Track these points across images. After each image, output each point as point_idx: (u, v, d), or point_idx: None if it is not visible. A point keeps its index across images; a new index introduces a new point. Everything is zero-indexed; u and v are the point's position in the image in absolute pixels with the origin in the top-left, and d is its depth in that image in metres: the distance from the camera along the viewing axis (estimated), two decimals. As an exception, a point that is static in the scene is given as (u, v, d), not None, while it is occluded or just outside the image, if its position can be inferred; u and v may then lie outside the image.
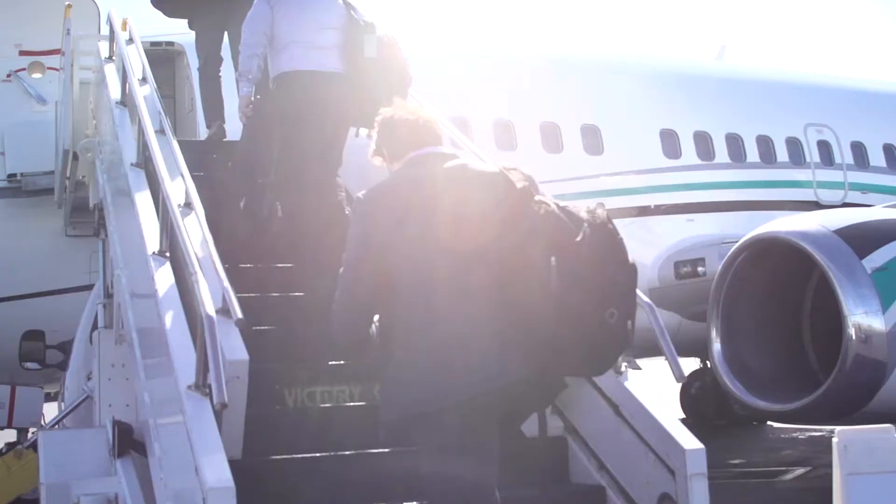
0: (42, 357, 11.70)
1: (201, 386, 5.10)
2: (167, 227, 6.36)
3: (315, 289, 7.12)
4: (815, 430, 17.16)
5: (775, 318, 10.98)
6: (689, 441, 5.70)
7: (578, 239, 4.62)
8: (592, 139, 14.69)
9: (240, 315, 5.28)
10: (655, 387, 6.38)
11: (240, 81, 8.17)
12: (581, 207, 4.76)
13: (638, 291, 6.00)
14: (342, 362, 6.74)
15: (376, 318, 4.85)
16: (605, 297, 4.65)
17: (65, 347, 10.60)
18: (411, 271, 4.69)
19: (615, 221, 4.87)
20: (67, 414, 9.01)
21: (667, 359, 6.18)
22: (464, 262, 4.68)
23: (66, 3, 10.89)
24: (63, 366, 10.48)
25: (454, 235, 4.67)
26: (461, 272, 4.67)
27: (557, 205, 4.77)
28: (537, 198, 4.80)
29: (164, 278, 6.17)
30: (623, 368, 6.21)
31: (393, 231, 4.72)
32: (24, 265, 12.09)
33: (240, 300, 5.47)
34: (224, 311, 5.42)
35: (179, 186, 6.63)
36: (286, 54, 7.97)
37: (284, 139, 7.93)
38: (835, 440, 6.47)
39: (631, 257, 4.80)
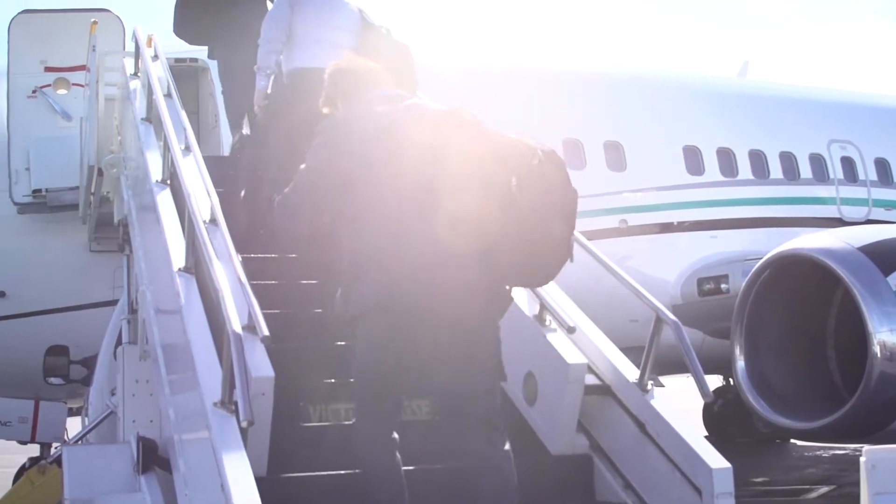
0: (66, 372, 11.72)
1: (227, 403, 5.11)
2: (193, 244, 6.37)
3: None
4: (839, 449, 17.08)
5: (799, 336, 10.94)
6: (715, 460, 5.68)
7: (535, 162, 5.29)
8: (615, 155, 14.66)
9: (266, 332, 5.28)
10: (678, 404, 6.36)
11: (257, 75, 8.65)
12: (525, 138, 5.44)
13: (664, 309, 6.06)
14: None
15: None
16: (555, 214, 5.32)
17: (88, 363, 10.62)
18: (374, 193, 5.25)
19: (638, 238, 5.24)
20: (91, 429, 9.01)
21: (694, 377, 6.15)
22: (425, 183, 5.24)
23: (92, 19, 10.94)
24: (87, 381, 10.49)
25: (416, 162, 5.27)
26: (422, 192, 5.23)
27: (509, 135, 5.43)
28: (493, 130, 5.45)
29: (189, 294, 6.19)
30: (649, 386, 6.19)
31: (357, 156, 5.31)
32: (49, 280, 12.12)
33: (264, 316, 5.48)
34: (250, 327, 5.43)
35: (205, 203, 6.64)
36: (301, 51, 8.48)
37: (290, 133, 8.00)
38: (862, 459, 6.42)
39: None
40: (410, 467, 5.49)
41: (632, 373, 6.37)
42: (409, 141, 5.34)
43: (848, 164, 16.69)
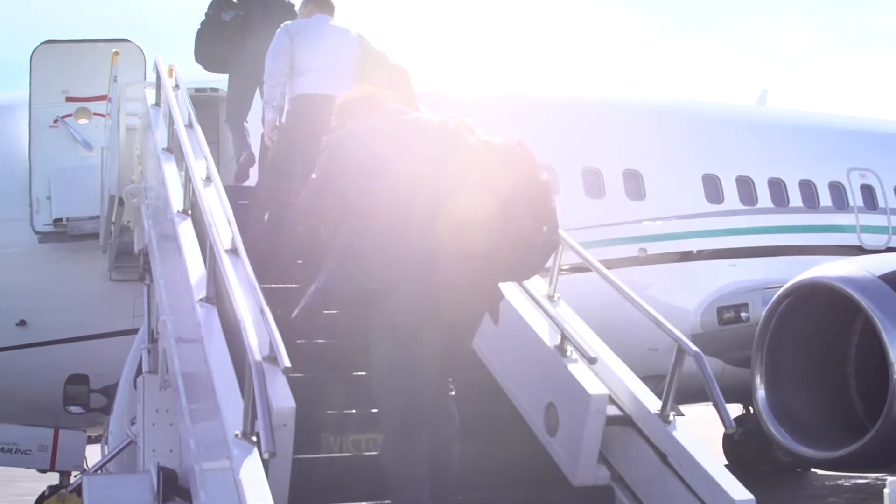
0: (86, 401, 11.71)
1: (249, 434, 5.11)
2: (214, 274, 6.38)
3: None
4: (861, 478, 16.96)
5: (820, 365, 10.92)
6: (738, 491, 5.65)
7: (499, 156, 5.68)
8: (634, 184, 14.66)
9: (287, 363, 5.28)
10: (698, 432, 6.33)
11: (265, 108, 8.89)
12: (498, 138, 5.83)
13: (686, 340, 6.05)
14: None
15: None
16: (522, 207, 5.60)
17: (108, 391, 10.63)
18: (372, 194, 5.66)
19: (658, 267, 5.35)
20: (111, 458, 9.03)
21: (716, 408, 6.12)
22: (412, 186, 5.66)
23: (113, 50, 11.01)
24: (106, 410, 10.51)
25: (408, 167, 5.70)
26: (409, 192, 5.64)
27: (479, 138, 5.84)
28: (465, 136, 5.83)
29: (211, 325, 6.20)
30: (671, 417, 6.17)
31: (353, 161, 5.76)
32: (69, 309, 12.15)
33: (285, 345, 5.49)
34: (271, 358, 5.43)
35: (226, 233, 6.66)
36: (303, 79, 8.73)
37: (304, 158, 8.08)
38: (886, 490, 6.42)
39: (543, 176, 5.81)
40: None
41: (653, 403, 6.34)
42: (405, 148, 5.79)
43: (868, 191, 16.64)
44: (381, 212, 5.66)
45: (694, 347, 6.24)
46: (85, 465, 12.33)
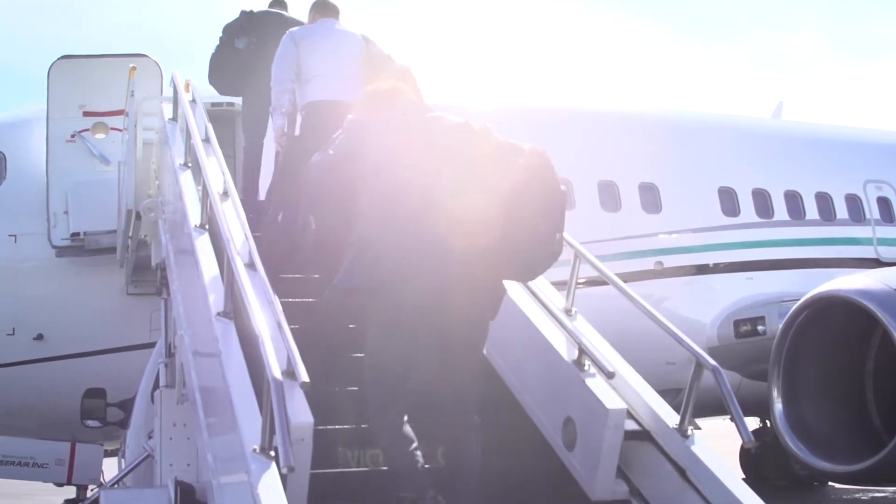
0: (103, 415, 11.75)
1: (267, 449, 5.12)
2: (232, 289, 6.39)
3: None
4: (879, 492, 16.86)
5: (837, 378, 10.89)
6: (757, 507, 5.63)
7: (522, 161, 5.81)
8: (651, 197, 14.65)
9: (305, 378, 5.30)
10: (716, 446, 6.32)
11: (273, 115, 9.08)
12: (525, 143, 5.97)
13: (705, 354, 6.05)
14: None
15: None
16: (538, 210, 5.78)
17: (125, 405, 10.65)
18: (387, 185, 5.83)
19: (674, 280, 5.42)
20: (128, 472, 9.04)
21: (735, 423, 6.11)
22: (429, 183, 5.76)
23: (130, 65, 11.05)
24: (124, 424, 10.52)
25: (427, 167, 5.82)
26: (425, 186, 5.76)
27: (505, 140, 5.99)
28: (493, 136, 5.99)
29: (228, 339, 6.21)
30: (689, 432, 6.15)
31: (377, 150, 5.93)
32: (86, 323, 12.17)
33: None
34: (289, 372, 5.44)
35: (244, 247, 6.67)
36: (312, 85, 8.87)
37: None
38: (905, 506, 6.37)
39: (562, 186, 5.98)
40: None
41: (671, 418, 6.33)
42: (426, 141, 5.96)
43: (884, 204, 16.60)
44: (395, 203, 5.81)
45: (712, 362, 6.23)
46: (102, 479, 12.35)
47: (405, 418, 5.90)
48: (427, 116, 6.25)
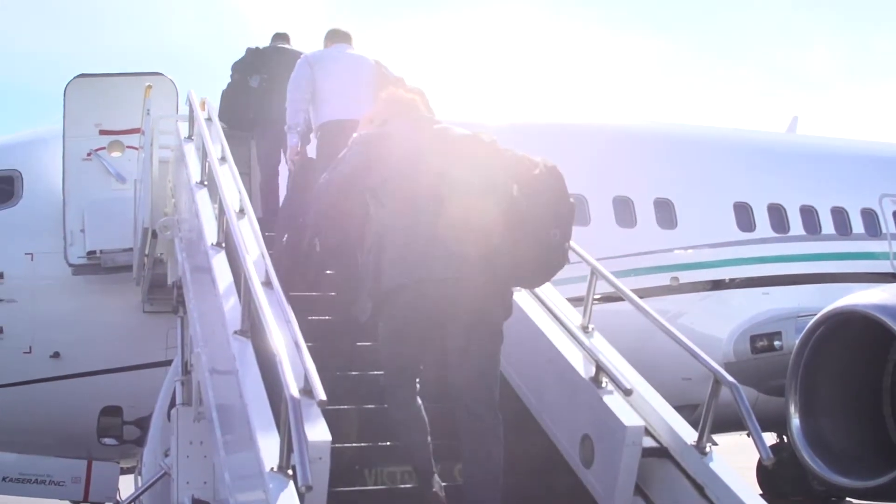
0: (119, 433, 11.77)
1: (284, 467, 5.11)
2: (249, 307, 6.39)
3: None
4: (897, 508, 16.76)
5: (855, 393, 10.85)
6: (777, 524, 5.60)
7: (536, 172, 5.95)
8: (666, 213, 14.64)
9: (323, 397, 5.29)
10: (733, 462, 6.28)
11: (288, 134, 9.19)
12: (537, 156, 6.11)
13: (722, 371, 6.02)
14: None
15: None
16: (551, 220, 5.92)
17: (142, 423, 10.67)
18: (399, 190, 6.03)
19: (690, 295, 5.46)
20: (145, 490, 9.05)
21: (753, 440, 6.08)
22: (441, 193, 5.93)
23: (146, 83, 11.09)
24: (140, 442, 10.53)
25: (438, 174, 5.99)
26: (439, 199, 5.92)
27: (516, 152, 6.14)
28: (503, 148, 6.17)
29: (245, 358, 6.20)
30: (707, 449, 6.12)
31: (388, 161, 6.12)
32: (103, 341, 12.21)
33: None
34: (306, 391, 5.43)
35: (260, 266, 6.68)
36: (326, 106, 9.09)
37: None
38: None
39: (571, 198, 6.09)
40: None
41: (689, 435, 6.30)
42: (437, 150, 6.12)
43: (900, 218, 16.55)
44: (408, 210, 5.99)
45: (730, 378, 6.20)
46: (118, 497, 12.37)
47: (420, 402, 6.13)
48: (436, 127, 6.40)
